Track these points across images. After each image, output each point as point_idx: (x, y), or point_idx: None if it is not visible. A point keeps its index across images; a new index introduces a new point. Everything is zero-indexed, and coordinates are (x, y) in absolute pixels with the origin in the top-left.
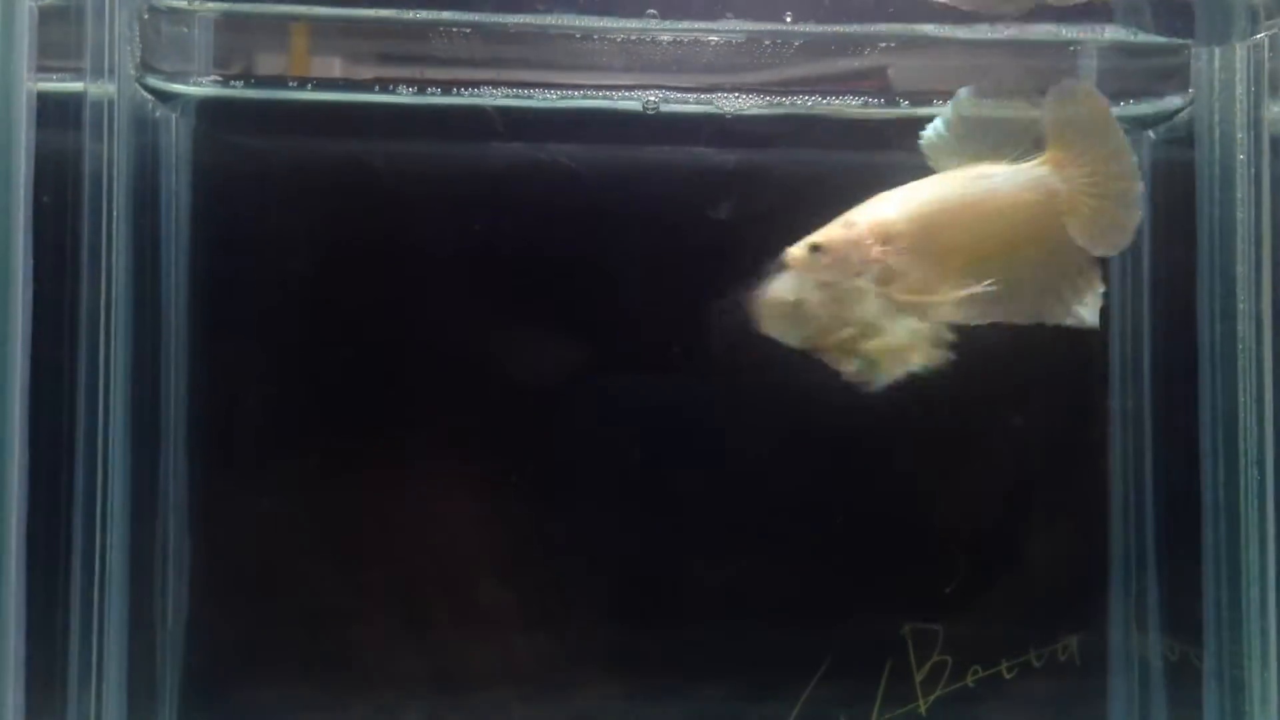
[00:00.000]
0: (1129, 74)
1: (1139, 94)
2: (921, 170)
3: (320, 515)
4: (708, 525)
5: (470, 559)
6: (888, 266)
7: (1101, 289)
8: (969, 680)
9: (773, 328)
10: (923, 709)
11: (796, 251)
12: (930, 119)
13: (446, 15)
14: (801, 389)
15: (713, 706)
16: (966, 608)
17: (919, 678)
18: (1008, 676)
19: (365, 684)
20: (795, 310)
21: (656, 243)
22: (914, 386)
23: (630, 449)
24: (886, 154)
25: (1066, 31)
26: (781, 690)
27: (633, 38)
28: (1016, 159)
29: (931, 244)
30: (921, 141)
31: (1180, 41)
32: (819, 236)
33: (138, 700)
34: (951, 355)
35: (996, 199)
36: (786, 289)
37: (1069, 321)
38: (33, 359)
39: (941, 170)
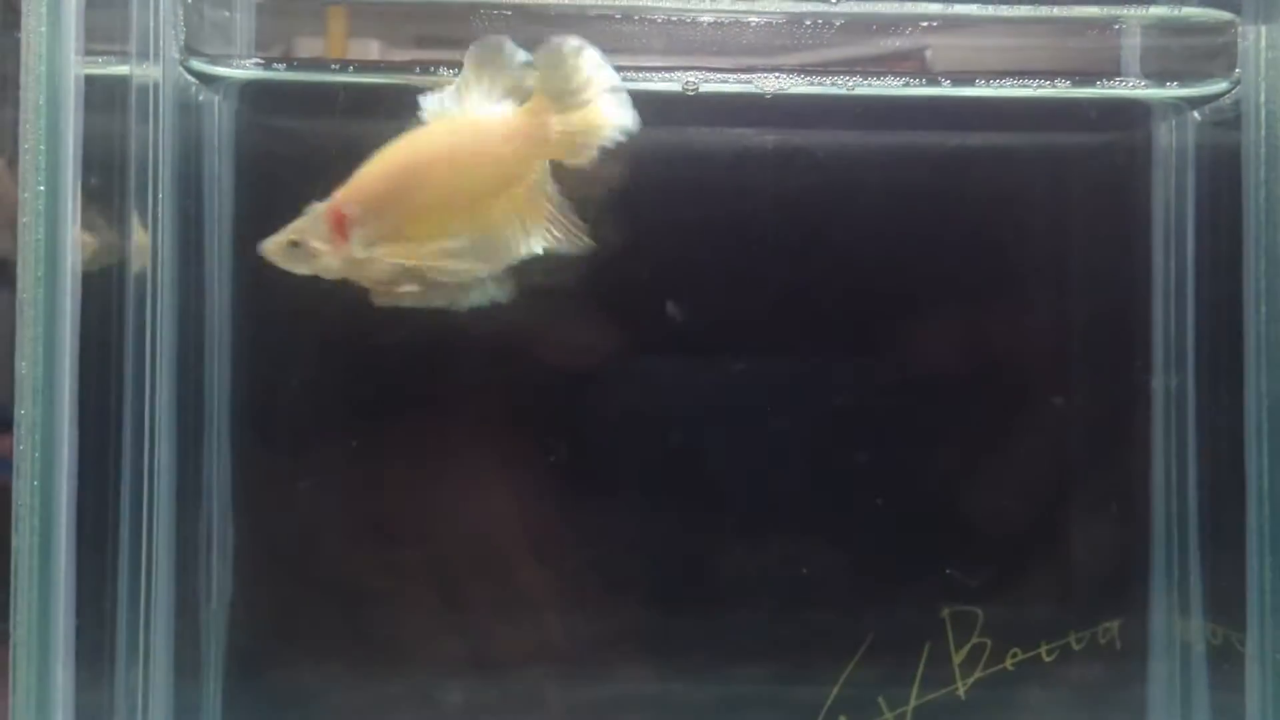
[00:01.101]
0: (1173, 53)
1: (1184, 74)
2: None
3: (360, 498)
4: (746, 507)
5: (508, 541)
6: (367, 230)
7: (580, 221)
8: (1008, 663)
9: (281, 264)
10: (961, 692)
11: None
12: (971, 100)
13: None
14: (841, 371)
15: (750, 689)
16: (1006, 591)
17: (958, 660)
18: (1047, 660)
19: (403, 664)
20: (297, 251)
21: (694, 222)
22: (954, 370)
23: (668, 431)
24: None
25: (1109, 9)
26: (819, 673)
27: (673, 19)
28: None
29: (408, 200)
30: (423, 111)
31: (1227, 18)
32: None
33: (183, 677)
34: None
35: (472, 149)
36: (287, 233)
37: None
38: (81, 341)
39: None
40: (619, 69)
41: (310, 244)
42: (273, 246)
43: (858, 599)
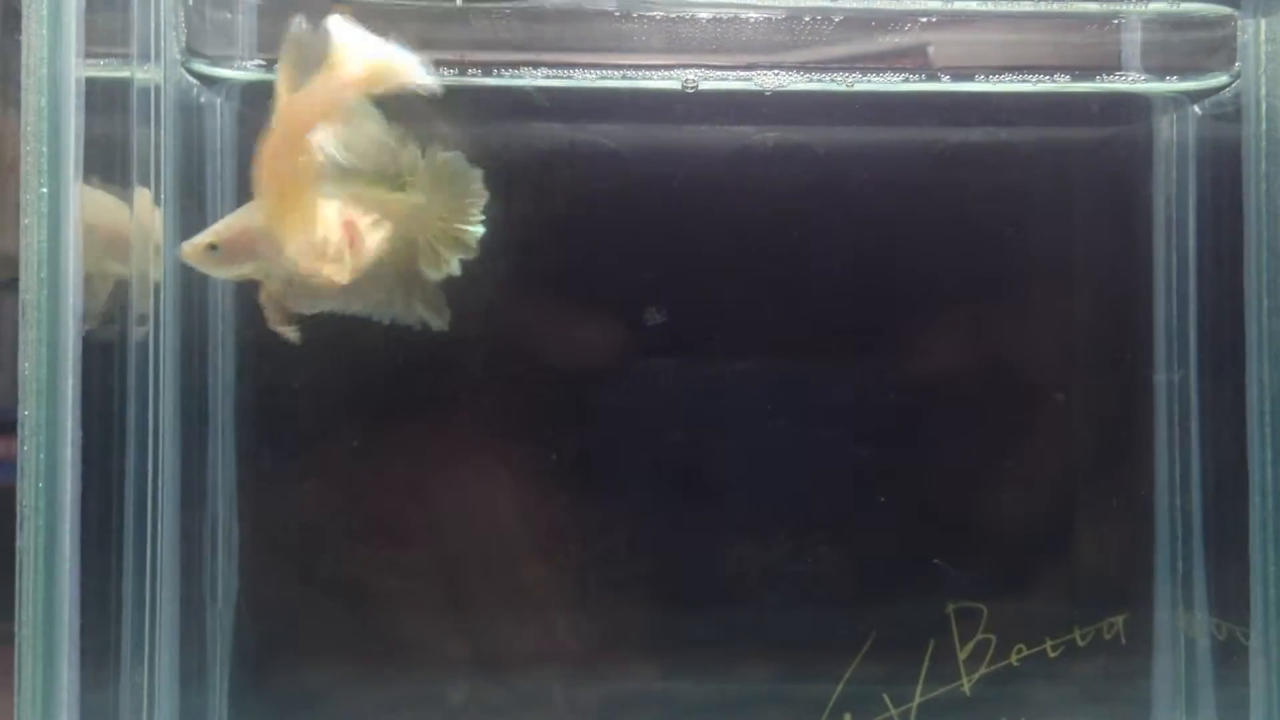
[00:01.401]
0: (1173, 48)
1: (1184, 68)
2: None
3: (365, 498)
4: (750, 505)
5: (512, 540)
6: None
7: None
8: (1013, 659)
9: (200, 268)
10: (966, 688)
11: (188, 249)
12: (972, 95)
13: None
14: (844, 368)
15: (755, 686)
16: (1011, 587)
17: (962, 656)
18: (1052, 655)
19: (408, 663)
20: (212, 254)
21: (695, 221)
22: (956, 366)
23: (671, 430)
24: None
25: (1109, 5)
26: (824, 670)
27: (671, 16)
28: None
29: (267, 198)
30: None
31: (1226, 12)
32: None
33: (188, 677)
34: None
35: (279, 134)
36: (205, 236)
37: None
38: (84, 342)
39: None
40: (618, 67)
41: (234, 252)
42: (190, 249)
43: (862, 596)
